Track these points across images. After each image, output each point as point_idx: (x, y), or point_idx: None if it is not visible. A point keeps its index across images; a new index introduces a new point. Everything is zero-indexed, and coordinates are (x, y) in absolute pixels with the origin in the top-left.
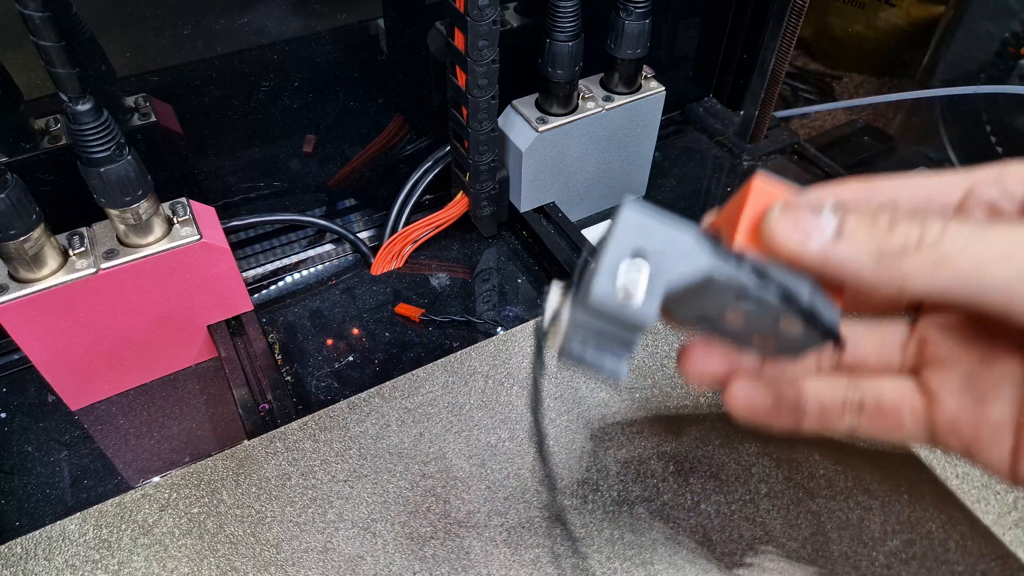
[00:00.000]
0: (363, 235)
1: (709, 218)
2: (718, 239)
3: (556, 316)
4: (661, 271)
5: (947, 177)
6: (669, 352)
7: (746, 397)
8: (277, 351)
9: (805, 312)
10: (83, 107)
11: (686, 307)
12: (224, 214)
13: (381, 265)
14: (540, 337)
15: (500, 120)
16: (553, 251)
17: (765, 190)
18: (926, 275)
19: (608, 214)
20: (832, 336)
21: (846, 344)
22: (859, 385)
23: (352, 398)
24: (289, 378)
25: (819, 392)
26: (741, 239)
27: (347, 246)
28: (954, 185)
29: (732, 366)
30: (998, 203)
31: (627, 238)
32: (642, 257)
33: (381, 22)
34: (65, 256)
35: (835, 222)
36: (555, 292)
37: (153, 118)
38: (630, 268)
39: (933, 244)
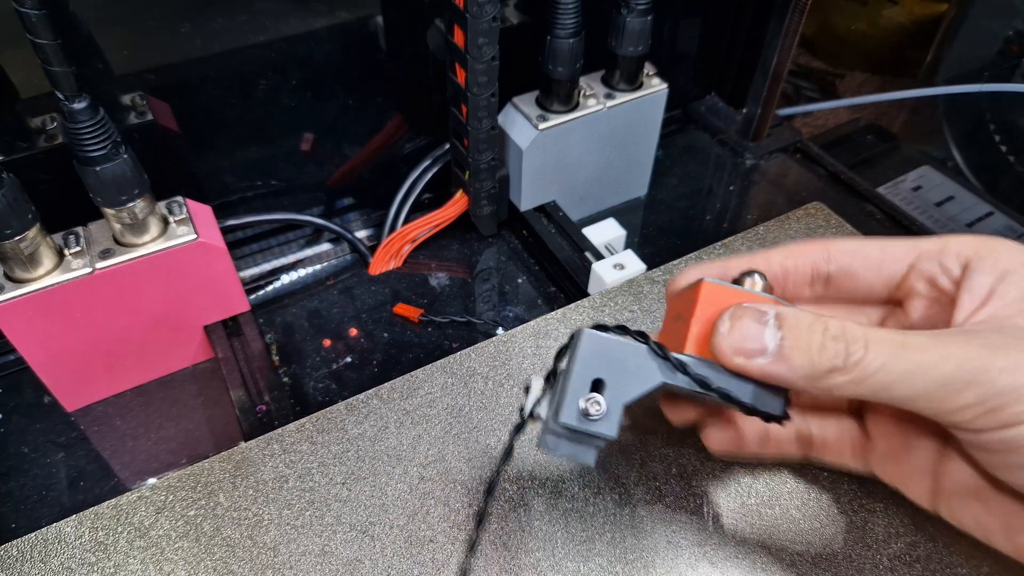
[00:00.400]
0: (361, 234)
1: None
2: (665, 351)
3: (534, 409)
4: (619, 391)
5: (898, 247)
6: None
7: (717, 439)
8: (274, 352)
9: (746, 408)
10: (79, 106)
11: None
12: (221, 213)
13: (380, 265)
14: (517, 428)
15: (500, 118)
16: (554, 250)
17: (714, 295)
18: (848, 388)
19: (609, 213)
20: (775, 419)
21: (791, 419)
22: (809, 421)
23: (350, 399)
24: (286, 379)
25: (776, 427)
26: (691, 347)
27: (345, 245)
28: (903, 254)
29: (704, 412)
30: (937, 279)
31: (588, 366)
32: (602, 383)
33: (380, 20)
34: (61, 256)
35: (775, 343)
36: (535, 386)
37: (150, 117)
38: (591, 396)
39: (855, 364)
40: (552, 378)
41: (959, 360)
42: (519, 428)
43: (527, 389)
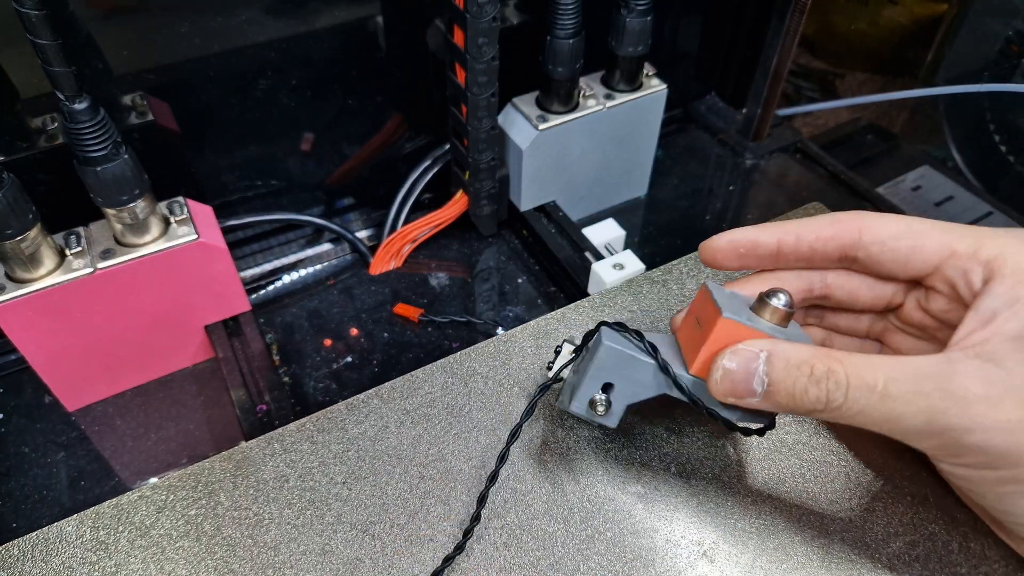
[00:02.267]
0: (361, 234)
1: (679, 317)
2: (669, 369)
3: (559, 373)
4: (625, 394)
5: (930, 244)
6: None
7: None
8: (275, 352)
9: (731, 427)
10: (80, 106)
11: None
12: (221, 213)
13: (380, 265)
14: (543, 388)
15: (500, 118)
16: (554, 250)
17: (726, 331)
18: (829, 420)
19: (609, 213)
20: (758, 432)
21: (774, 427)
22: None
23: (350, 399)
24: (287, 379)
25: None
26: (695, 369)
27: (345, 245)
28: (933, 253)
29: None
30: (958, 287)
31: (601, 371)
32: (611, 385)
33: (380, 19)
34: (62, 256)
35: (762, 388)
36: (566, 351)
37: (150, 117)
38: (600, 395)
39: (835, 408)
40: (582, 349)
41: (929, 416)
42: (545, 388)
43: (557, 351)
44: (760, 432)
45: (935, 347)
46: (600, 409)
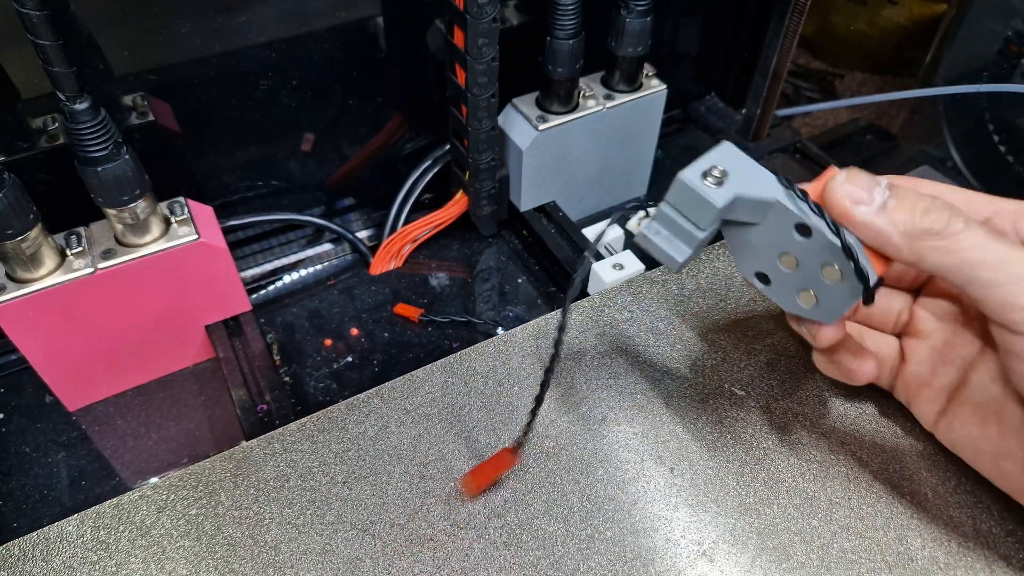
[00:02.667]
0: (362, 234)
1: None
2: (791, 182)
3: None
4: (739, 183)
5: (980, 199)
6: (670, 353)
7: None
8: (275, 351)
9: (847, 249)
10: (81, 106)
11: (749, 251)
12: (222, 213)
13: (380, 265)
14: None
15: (500, 118)
16: (554, 250)
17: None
18: (937, 257)
19: (609, 213)
20: (865, 282)
21: (873, 302)
22: (864, 334)
23: (351, 399)
24: (287, 379)
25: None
26: (815, 195)
27: (346, 245)
28: (982, 207)
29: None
30: (1008, 236)
31: (720, 157)
32: (726, 170)
33: (380, 20)
34: (62, 256)
35: (882, 198)
36: (611, 230)
37: (151, 117)
38: (714, 169)
39: (952, 234)
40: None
41: None
42: (570, 296)
43: (598, 240)
44: (868, 288)
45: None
46: (712, 179)
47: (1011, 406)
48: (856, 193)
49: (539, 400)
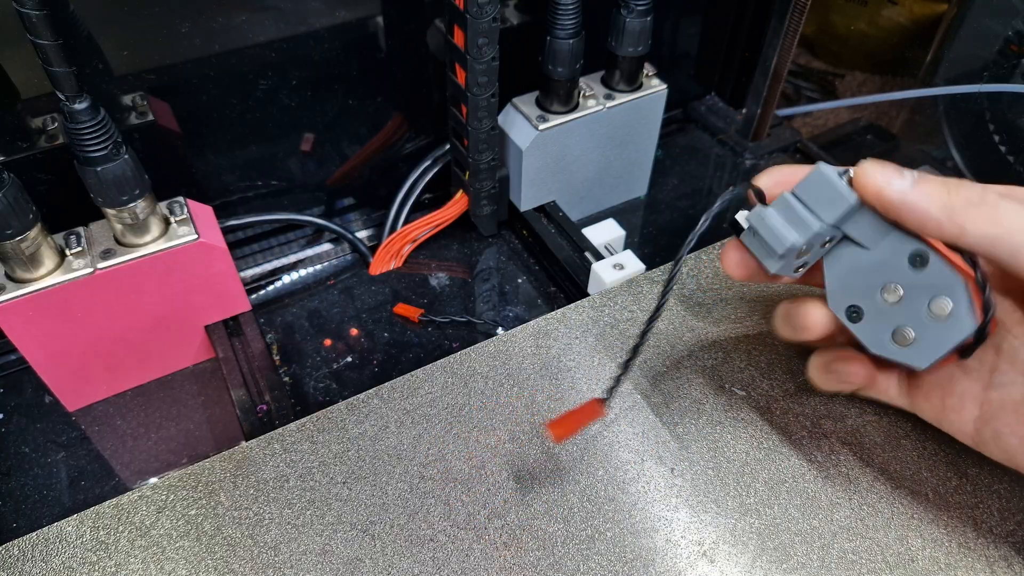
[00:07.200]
0: (362, 234)
1: None
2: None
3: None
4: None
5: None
6: (670, 353)
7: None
8: (275, 352)
9: (980, 283)
10: (80, 106)
11: (849, 280)
12: (222, 213)
13: (380, 265)
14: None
15: (500, 118)
16: (554, 250)
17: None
18: (980, 225)
19: (609, 213)
20: (982, 323)
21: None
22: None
23: (351, 399)
24: (287, 379)
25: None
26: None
27: (346, 245)
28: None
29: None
30: None
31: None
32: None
33: (380, 19)
34: (62, 256)
35: (914, 177)
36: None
37: (150, 117)
38: (850, 172)
39: (992, 205)
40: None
41: None
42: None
43: (735, 223)
44: (981, 334)
45: None
46: (847, 180)
47: None
48: (888, 171)
49: (635, 351)
